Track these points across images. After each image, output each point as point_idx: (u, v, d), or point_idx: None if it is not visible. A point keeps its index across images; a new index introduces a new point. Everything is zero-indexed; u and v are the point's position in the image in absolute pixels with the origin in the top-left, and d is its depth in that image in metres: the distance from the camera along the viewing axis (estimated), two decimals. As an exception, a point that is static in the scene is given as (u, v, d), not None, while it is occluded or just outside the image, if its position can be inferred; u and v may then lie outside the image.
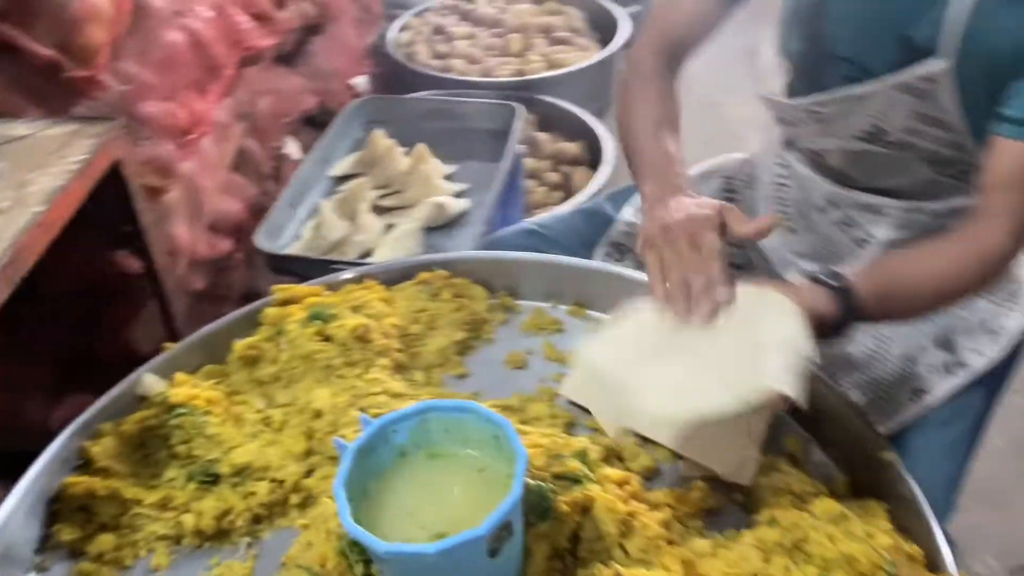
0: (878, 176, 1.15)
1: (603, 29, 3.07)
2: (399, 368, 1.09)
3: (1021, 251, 0.98)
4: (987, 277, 0.98)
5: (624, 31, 2.92)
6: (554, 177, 2.43)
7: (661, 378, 0.90)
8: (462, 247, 1.51)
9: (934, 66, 0.99)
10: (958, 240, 0.99)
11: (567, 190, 2.43)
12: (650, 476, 0.97)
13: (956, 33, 0.96)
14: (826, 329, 0.90)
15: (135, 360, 1.03)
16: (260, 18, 1.55)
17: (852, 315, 0.91)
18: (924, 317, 1.10)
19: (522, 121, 1.78)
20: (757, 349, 0.86)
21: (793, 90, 1.21)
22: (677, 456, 0.99)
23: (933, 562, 0.81)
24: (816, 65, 1.12)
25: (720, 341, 0.90)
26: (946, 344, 1.14)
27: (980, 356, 1.12)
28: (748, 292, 0.92)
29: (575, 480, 0.85)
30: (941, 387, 1.09)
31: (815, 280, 0.93)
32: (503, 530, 0.71)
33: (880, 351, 1.15)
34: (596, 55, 2.81)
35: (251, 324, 1.11)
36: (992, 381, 1.18)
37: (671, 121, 1.12)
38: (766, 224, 0.91)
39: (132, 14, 1.19)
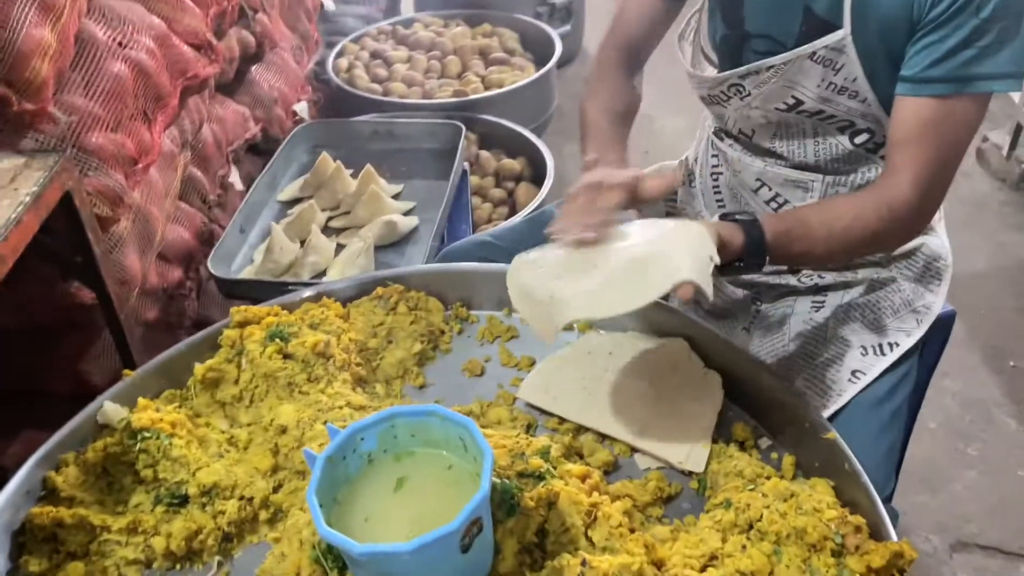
0: (802, 151, 1.23)
1: (538, 49, 3.14)
2: (360, 381, 1.11)
3: (927, 203, 1.05)
4: (895, 224, 1.05)
5: (557, 50, 3.00)
6: (498, 193, 2.48)
7: (584, 284, 0.97)
8: (413, 263, 1.53)
9: (836, 36, 1.07)
10: (867, 192, 1.09)
11: (511, 206, 2.48)
12: (609, 469, 1.01)
13: (851, 4, 1.04)
14: (733, 254, 0.99)
15: (89, 393, 1.03)
16: (201, 47, 1.56)
17: (757, 244, 1.00)
18: (834, 260, 1.18)
19: (466, 139, 1.82)
20: (667, 256, 0.95)
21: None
22: (633, 449, 1.03)
23: (877, 531, 0.86)
24: (737, 46, 1.20)
25: (635, 252, 0.98)
26: (877, 326, 1.20)
27: (908, 336, 1.19)
28: (666, 223, 1.03)
29: (539, 477, 0.89)
30: (876, 367, 1.16)
31: (724, 216, 1.04)
32: (473, 525, 0.74)
33: (817, 337, 1.21)
34: (533, 74, 2.87)
35: (210, 347, 1.12)
36: (921, 356, 1.26)
37: (626, 111, 1.28)
38: (669, 181, 1.06)
39: (76, 47, 1.20)
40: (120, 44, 1.28)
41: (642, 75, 1.35)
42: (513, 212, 2.45)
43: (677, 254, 0.94)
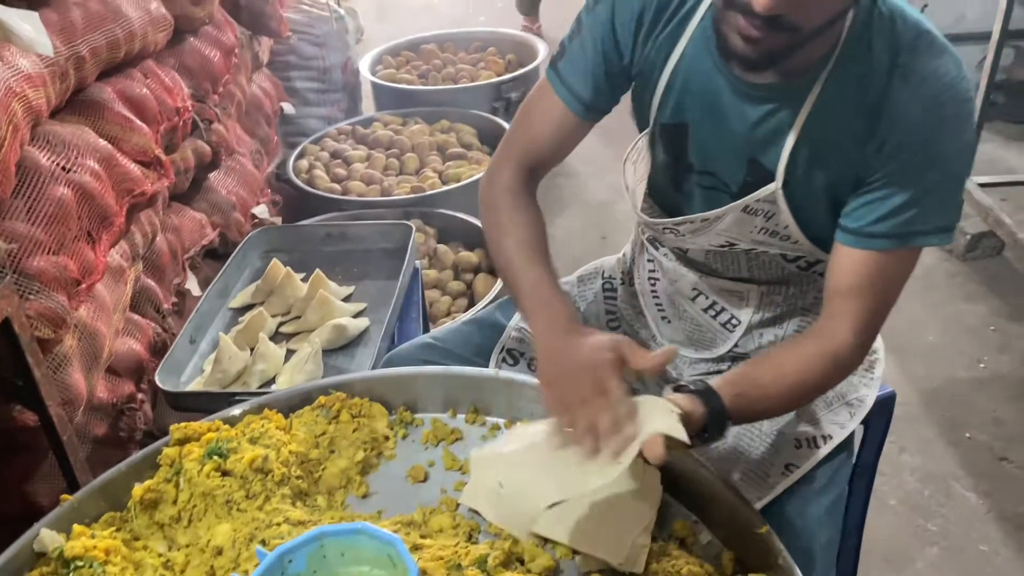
0: (736, 268, 1.27)
1: (495, 142, 3.22)
2: (300, 495, 1.11)
3: (867, 344, 1.09)
4: (839, 372, 1.10)
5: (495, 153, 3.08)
6: (456, 286, 2.51)
7: (553, 484, 0.98)
8: (363, 366, 1.55)
9: (768, 189, 1.11)
10: (810, 342, 1.09)
11: (470, 297, 2.51)
12: (551, 575, 1.01)
13: (790, 161, 1.09)
14: (696, 427, 0.97)
15: (38, 514, 1.02)
16: (150, 164, 1.60)
17: (717, 413, 0.99)
18: (790, 411, 1.20)
19: (423, 233, 1.86)
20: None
21: (658, 193, 1.32)
22: (575, 552, 1.03)
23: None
24: (678, 173, 1.23)
25: None
26: (811, 420, 1.22)
27: (842, 429, 1.21)
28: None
29: (475, 588, 0.89)
30: (809, 461, 1.17)
31: (679, 388, 1.02)
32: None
33: (751, 430, 1.23)
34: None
35: (151, 466, 1.12)
36: (865, 440, 1.28)
37: (544, 244, 1.20)
38: (663, 357, 0.98)
39: (19, 175, 1.23)
40: (64, 168, 1.31)
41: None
42: (472, 304, 2.48)
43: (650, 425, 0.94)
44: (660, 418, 0.94)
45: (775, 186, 1.10)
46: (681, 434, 0.92)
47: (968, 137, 1.03)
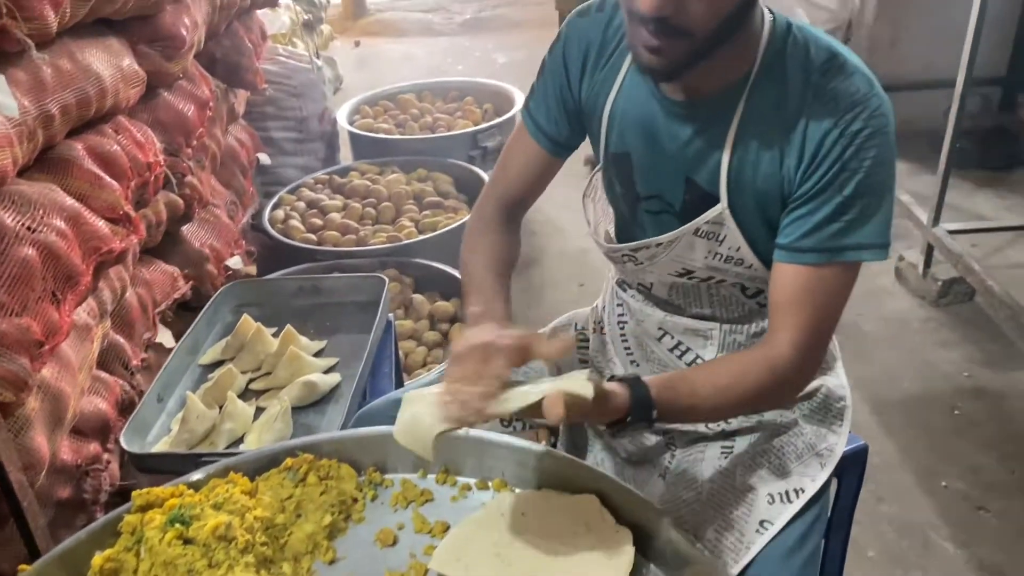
0: (699, 304, 1.29)
1: (471, 191, 3.25)
2: (265, 562, 1.08)
3: (807, 361, 1.11)
4: (777, 382, 1.10)
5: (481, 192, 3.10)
6: (433, 336, 2.50)
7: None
8: (333, 423, 1.53)
9: (715, 210, 1.15)
10: (748, 351, 1.14)
11: (447, 348, 2.50)
12: (519, 643, 0.99)
13: (728, 179, 1.13)
14: (620, 411, 1.02)
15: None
16: (120, 220, 1.59)
17: (643, 399, 1.02)
18: (721, 415, 1.22)
19: (389, 292, 1.85)
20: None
21: (619, 226, 1.39)
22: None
23: None
24: (632, 202, 1.28)
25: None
26: (782, 472, 1.22)
27: (813, 481, 1.21)
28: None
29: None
30: (783, 516, 1.17)
31: (611, 378, 1.06)
32: None
33: (727, 485, 1.22)
34: (466, 216, 2.96)
35: (112, 534, 1.09)
36: (839, 495, 1.28)
37: (506, 265, 1.30)
38: (563, 344, 1.04)
39: (-19, 235, 1.22)
40: (29, 229, 1.30)
41: (520, 227, 1.40)
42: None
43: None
44: (568, 381, 0.97)
45: (721, 207, 1.14)
46: (585, 390, 0.94)
47: (883, 152, 1.05)
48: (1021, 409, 2.42)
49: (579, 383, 0.97)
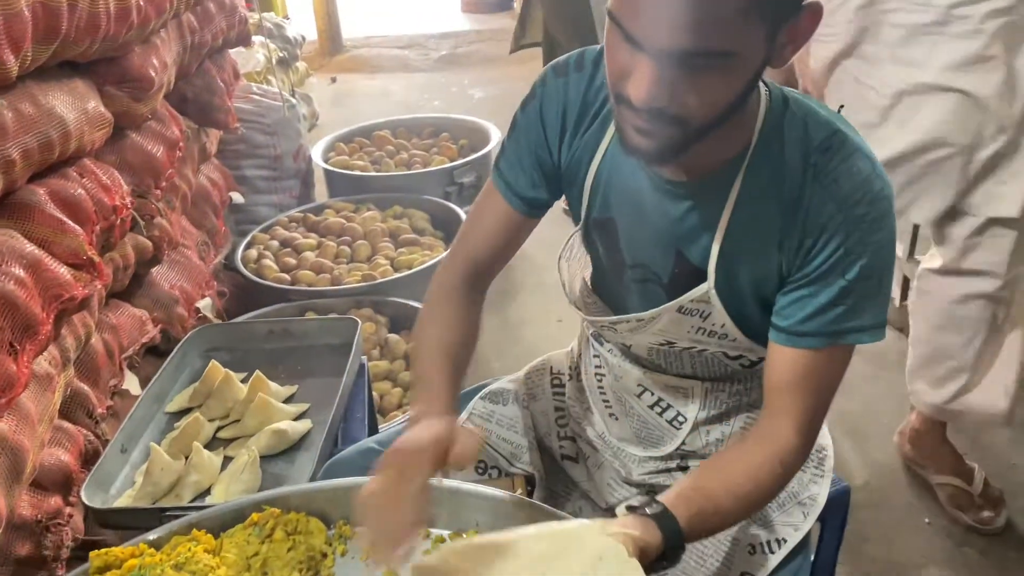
0: (680, 366, 1.26)
1: (447, 227, 3.23)
2: (228, 626, 1.04)
3: (811, 440, 1.09)
4: (787, 474, 1.08)
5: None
6: (408, 377, 2.46)
7: None
8: (304, 472, 1.48)
9: (700, 289, 1.11)
10: (757, 448, 1.08)
11: (423, 389, 2.46)
12: None
13: (718, 259, 1.09)
14: (654, 553, 0.94)
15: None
16: (83, 266, 1.55)
17: (674, 538, 0.95)
18: (737, 523, 1.16)
19: (362, 333, 1.82)
20: None
21: (600, 286, 1.34)
22: None
23: None
24: (615, 267, 1.23)
25: None
26: (764, 522, 1.19)
27: (796, 530, 1.19)
28: (579, 538, 0.93)
29: None
30: (765, 567, 1.14)
31: (632, 509, 0.97)
32: None
33: (708, 540, 1.19)
34: (442, 252, 2.93)
35: (66, 599, 1.05)
36: (823, 537, 1.26)
37: (460, 346, 1.21)
38: (472, 444, 1.04)
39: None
40: (-15, 277, 1.26)
41: (483, 298, 1.31)
42: (424, 396, 2.43)
43: None
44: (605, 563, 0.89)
45: (707, 286, 1.10)
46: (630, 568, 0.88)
47: (885, 235, 1.03)
48: (1000, 441, 2.41)
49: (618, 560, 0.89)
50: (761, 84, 1.05)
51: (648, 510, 0.96)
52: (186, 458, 1.50)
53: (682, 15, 0.84)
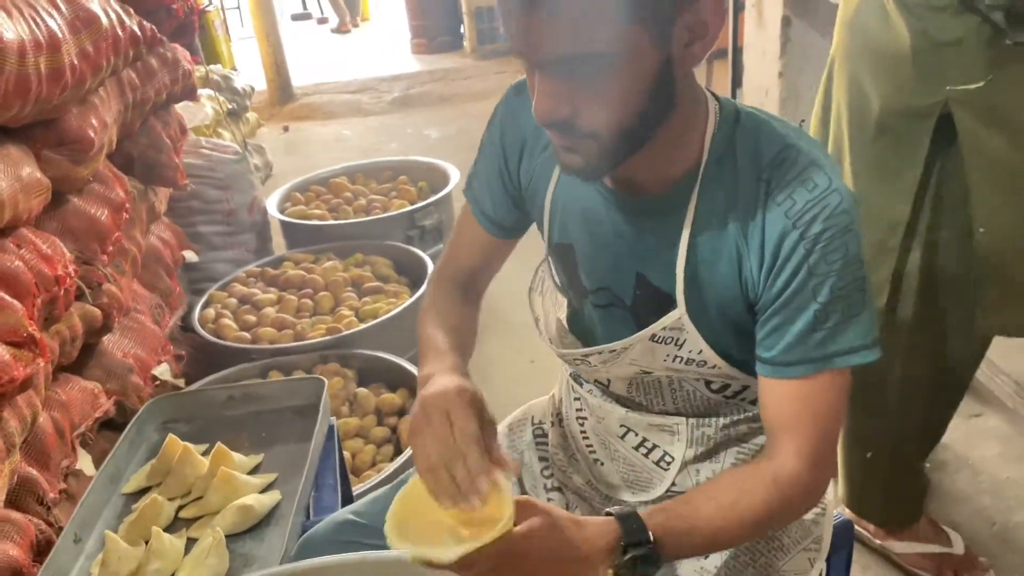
0: (661, 400, 1.19)
1: (412, 272, 3.15)
2: None
3: (817, 472, 1.01)
4: (786, 497, 0.99)
5: (430, 272, 3.00)
6: (380, 432, 2.36)
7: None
8: (274, 550, 1.38)
9: (672, 316, 1.05)
10: (753, 464, 1.03)
11: (396, 443, 2.36)
12: None
13: (684, 283, 1.03)
14: (616, 556, 0.90)
15: None
16: (23, 344, 1.44)
17: (639, 535, 0.91)
18: (726, 537, 1.04)
19: (329, 392, 1.73)
20: None
21: (570, 318, 1.30)
22: None
23: None
24: (578, 296, 1.19)
25: None
26: (769, 571, 1.12)
27: None
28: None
29: None
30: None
31: (608, 514, 0.95)
32: None
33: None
34: (408, 299, 2.84)
35: None
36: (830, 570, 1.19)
37: (460, 325, 1.23)
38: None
39: None
40: (-90, 367, 1.15)
41: (479, 301, 1.34)
42: (398, 451, 2.33)
43: None
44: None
45: (679, 312, 1.04)
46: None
47: (852, 249, 0.96)
48: (991, 457, 2.37)
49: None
50: (711, 98, 1.01)
51: (612, 510, 0.94)
52: (146, 543, 1.39)
53: (547, 22, 0.83)
